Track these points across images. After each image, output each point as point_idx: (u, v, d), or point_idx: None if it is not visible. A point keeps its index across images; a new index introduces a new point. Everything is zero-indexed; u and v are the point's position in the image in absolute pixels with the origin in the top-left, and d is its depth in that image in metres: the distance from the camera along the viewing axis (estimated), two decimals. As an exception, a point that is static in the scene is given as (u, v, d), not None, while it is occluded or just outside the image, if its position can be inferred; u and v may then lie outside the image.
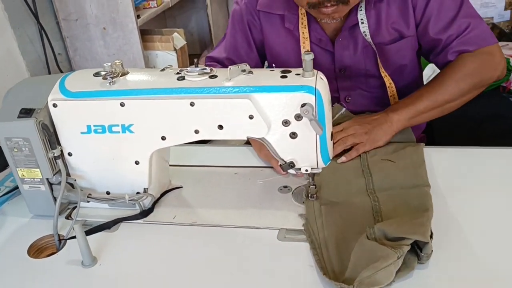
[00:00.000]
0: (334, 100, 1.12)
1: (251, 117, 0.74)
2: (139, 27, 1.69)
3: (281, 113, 0.75)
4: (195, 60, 0.79)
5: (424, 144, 0.96)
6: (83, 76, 0.83)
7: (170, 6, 1.94)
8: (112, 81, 0.79)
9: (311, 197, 0.84)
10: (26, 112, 0.79)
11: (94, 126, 0.80)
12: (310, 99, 0.73)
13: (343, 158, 0.93)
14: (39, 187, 0.84)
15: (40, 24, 1.52)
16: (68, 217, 0.88)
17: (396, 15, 1.00)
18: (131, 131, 0.80)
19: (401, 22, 1.01)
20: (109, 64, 0.79)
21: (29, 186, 0.85)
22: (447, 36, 0.98)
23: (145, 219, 0.85)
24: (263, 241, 0.77)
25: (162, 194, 0.92)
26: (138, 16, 1.69)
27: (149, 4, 1.82)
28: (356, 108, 1.09)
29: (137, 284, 0.72)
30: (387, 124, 0.95)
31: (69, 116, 0.80)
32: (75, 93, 0.79)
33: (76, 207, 0.88)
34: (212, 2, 2.45)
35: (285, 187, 0.91)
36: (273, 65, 0.91)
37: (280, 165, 0.80)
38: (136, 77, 0.80)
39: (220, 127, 0.77)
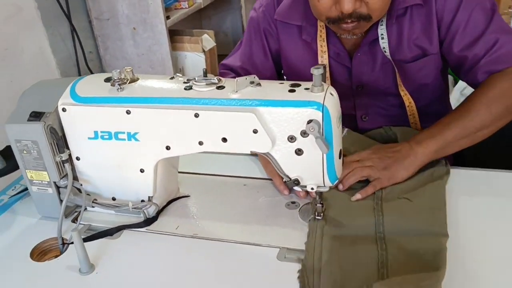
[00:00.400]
0: (350, 118, 1.07)
1: (255, 131, 0.72)
2: (168, 28, 1.69)
3: (287, 129, 0.72)
4: (204, 69, 0.77)
5: (447, 177, 0.87)
6: (94, 81, 0.82)
7: (203, 7, 1.94)
8: (120, 88, 0.78)
9: (317, 215, 0.81)
10: (36, 116, 0.79)
11: (101, 132, 0.80)
12: (317, 115, 0.69)
13: (357, 196, 0.85)
14: (47, 189, 0.85)
15: (71, 23, 1.54)
16: (74, 220, 0.89)
17: (419, 31, 0.95)
18: (136, 139, 0.79)
19: (424, 39, 0.95)
20: (118, 70, 0.78)
21: (37, 188, 0.86)
22: (473, 54, 0.91)
23: (148, 227, 0.85)
24: (261, 259, 0.75)
25: (169, 202, 0.91)
26: (168, 17, 1.69)
27: (180, 5, 1.82)
28: (373, 127, 1.03)
29: (130, 295, 0.71)
30: (410, 158, 0.87)
31: (77, 121, 0.80)
32: (84, 98, 0.79)
33: (79, 212, 0.89)
34: (246, 3, 2.43)
35: (293, 202, 0.88)
36: (285, 77, 0.87)
37: (285, 181, 0.77)
38: (144, 85, 0.79)
39: (224, 139, 0.75)
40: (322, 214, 0.81)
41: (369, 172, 0.86)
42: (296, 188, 0.79)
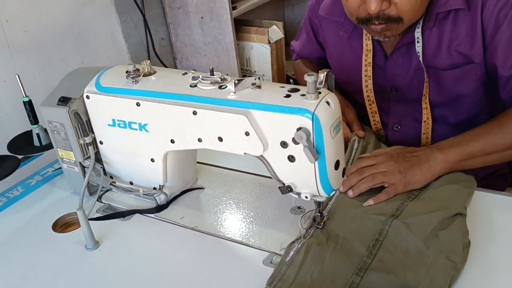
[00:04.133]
0: (383, 126, 1.01)
1: (247, 133, 0.71)
2: (235, 18, 1.72)
3: (279, 134, 0.70)
4: (210, 68, 0.78)
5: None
6: (117, 72, 0.88)
7: (274, -3, 1.93)
8: (135, 81, 0.82)
9: (318, 224, 0.79)
10: (63, 101, 0.87)
11: (118, 120, 0.85)
12: (307, 123, 0.67)
13: (370, 202, 0.80)
14: (74, 168, 0.93)
15: (141, 11, 1.63)
16: (99, 198, 0.96)
17: (462, 37, 0.86)
18: (146, 130, 0.83)
19: (467, 46, 0.86)
20: (133, 64, 0.82)
21: (67, 166, 0.94)
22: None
23: (157, 214, 0.89)
24: (247, 261, 0.75)
25: (184, 192, 0.94)
26: (234, 8, 1.71)
27: (251, -5, 1.83)
28: (404, 140, 0.96)
29: (118, 275, 0.75)
30: (428, 163, 0.81)
31: (98, 108, 0.86)
32: (104, 87, 0.85)
33: (106, 191, 0.96)
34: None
35: (299, 207, 0.86)
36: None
37: (279, 187, 0.76)
38: (156, 79, 0.83)
39: (220, 139, 0.75)
40: (322, 224, 0.79)
41: (382, 179, 0.81)
42: (292, 194, 0.77)
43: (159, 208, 0.90)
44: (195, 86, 0.77)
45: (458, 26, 0.86)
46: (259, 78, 0.75)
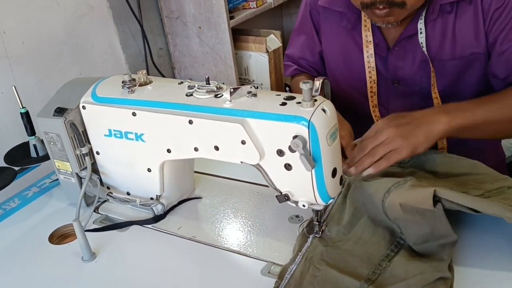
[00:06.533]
0: None
1: (243, 142, 0.71)
2: (233, 28, 1.72)
3: (275, 142, 0.70)
4: (206, 77, 0.78)
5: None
6: (113, 82, 0.87)
7: (273, 6, 1.94)
8: (131, 90, 0.82)
9: (316, 233, 0.78)
10: (59, 111, 0.87)
11: (114, 130, 0.85)
12: (303, 131, 0.67)
13: (370, 170, 0.75)
14: (70, 179, 0.92)
15: (139, 22, 1.64)
16: (96, 209, 0.95)
17: (465, 29, 0.88)
18: (143, 140, 0.83)
19: (471, 37, 0.88)
20: (129, 74, 0.82)
21: (64, 177, 0.94)
22: None
23: (154, 225, 0.88)
24: (245, 271, 0.74)
25: (181, 202, 0.93)
26: (232, 17, 1.72)
27: (248, 5, 1.84)
28: None
29: (115, 287, 0.75)
30: (432, 125, 0.77)
31: (94, 118, 0.86)
32: (100, 98, 0.85)
33: (103, 202, 0.96)
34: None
35: (297, 216, 0.85)
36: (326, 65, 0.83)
37: (276, 196, 0.75)
38: (152, 89, 0.82)
39: (216, 148, 0.75)
40: (320, 233, 0.78)
41: (384, 151, 0.76)
42: (289, 203, 0.76)
43: (156, 218, 0.89)
44: (191, 95, 0.77)
45: (461, 18, 0.87)
46: (256, 86, 0.75)
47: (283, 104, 0.70)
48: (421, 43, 0.91)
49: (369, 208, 0.78)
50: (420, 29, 0.90)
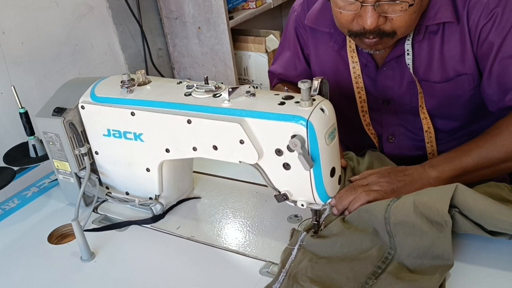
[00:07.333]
0: (378, 138, 1.01)
1: (241, 142, 0.71)
2: (232, 28, 1.72)
3: (274, 142, 0.70)
4: (205, 76, 0.78)
5: None
6: (112, 82, 0.87)
7: (273, 7, 1.94)
8: (130, 90, 0.82)
9: (314, 232, 0.78)
10: (58, 111, 0.87)
11: (113, 130, 0.85)
12: (301, 131, 0.67)
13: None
14: (69, 179, 0.93)
15: (138, 22, 1.64)
16: (95, 209, 0.95)
17: (452, 50, 0.86)
18: (141, 140, 0.83)
19: (457, 58, 0.86)
20: (127, 74, 0.82)
21: (63, 177, 0.94)
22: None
23: (153, 224, 0.88)
24: (244, 271, 0.74)
25: (180, 201, 0.93)
26: (231, 18, 1.72)
27: (248, 5, 1.84)
28: (400, 152, 0.96)
29: (114, 287, 0.75)
30: (421, 181, 0.79)
31: (93, 118, 0.86)
32: (99, 97, 0.85)
33: (102, 202, 0.96)
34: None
35: (296, 216, 0.85)
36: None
37: (275, 195, 0.75)
38: (150, 89, 0.83)
39: (215, 147, 0.75)
40: (317, 232, 0.78)
41: (375, 196, 0.78)
42: (288, 202, 0.76)
43: (155, 218, 0.89)
44: (190, 95, 0.77)
45: (448, 39, 0.86)
46: (254, 86, 0.75)
47: (282, 103, 0.70)
48: (408, 64, 0.89)
49: (362, 216, 0.76)
50: (407, 50, 0.88)
